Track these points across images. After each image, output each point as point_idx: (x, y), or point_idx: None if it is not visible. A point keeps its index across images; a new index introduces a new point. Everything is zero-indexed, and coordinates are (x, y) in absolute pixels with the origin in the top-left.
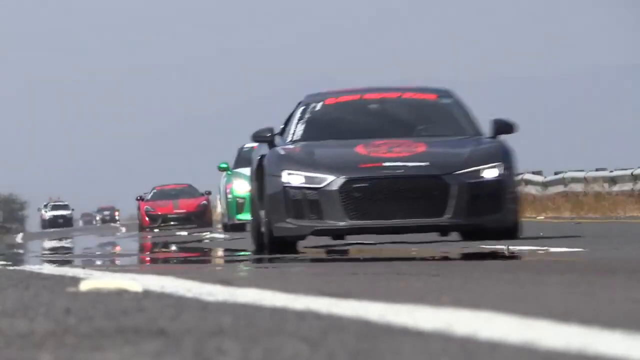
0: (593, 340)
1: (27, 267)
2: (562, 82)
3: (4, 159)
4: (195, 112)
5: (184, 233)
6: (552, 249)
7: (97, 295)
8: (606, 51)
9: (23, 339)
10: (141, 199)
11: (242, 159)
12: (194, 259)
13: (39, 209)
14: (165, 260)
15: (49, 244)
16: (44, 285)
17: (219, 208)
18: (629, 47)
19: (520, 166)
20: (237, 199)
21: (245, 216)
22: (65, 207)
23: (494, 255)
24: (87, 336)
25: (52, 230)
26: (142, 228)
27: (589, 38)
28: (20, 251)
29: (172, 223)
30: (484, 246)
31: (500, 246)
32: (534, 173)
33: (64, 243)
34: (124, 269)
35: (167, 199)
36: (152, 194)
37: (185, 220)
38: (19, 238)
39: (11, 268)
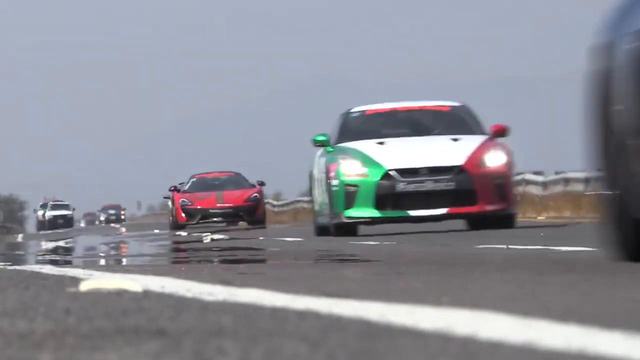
0: (593, 340)
1: (27, 267)
2: (563, 83)
3: (4, 158)
4: (201, 110)
5: (184, 233)
6: (552, 249)
7: (97, 296)
8: None
9: (23, 339)
10: (176, 189)
11: (350, 129)
12: None
13: (35, 210)
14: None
15: (47, 245)
16: (44, 285)
17: (316, 191)
18: None
19: (520, 166)
20: (347, 187)
21: (359, 211)
22: (65, 206)
23: (494, 255)
24: (87, 336)
25: (49, 231)
26: (176, 226)
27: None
28: (21, 252)
29: (214, 220)
30: (482, 246)
31: (500, 245)
32: (535, 173)
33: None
34: (124, 269)
35: (209, 190)
36: (190, 183)
37: (231, 216)
38: (19, 238)
39: (11, 268)
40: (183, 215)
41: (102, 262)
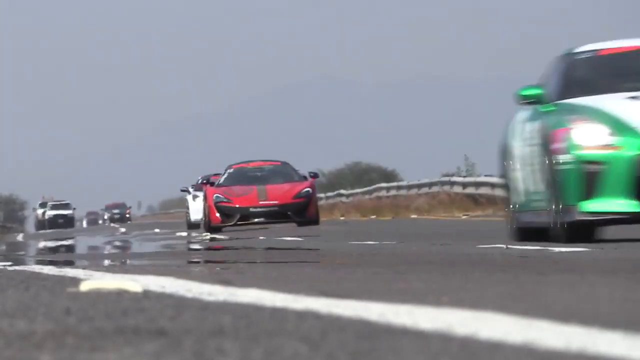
0: (593, 340)
1: (28, 268)
2: None
3: (4, 158)
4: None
5: (184, 234)
6: (552, 249)
7: (97, 296)
8: None
9: (23, 339)
10: (208, 182)
11: (578, 78)
12: None
13: (34, 209)
14: None
15: (46, 244)
16: (44, 285)
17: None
18: None
19: None
20: (586, 165)
21: (607, 203)
22: (66, 206)
23: (494, 255)
24: (87, 336)
25: (47, 231)
26: (209, 228)
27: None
28: (21, 252)
29: (256, 220)
30: (482, 246)
31: (500, 245)
32: None
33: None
34: (124, 269)
35: (250, 183)
36: (226, 175)
37: (277, 216)
38: (19, 238)
39: (11, 268)
40: (218, 215)
41: (105, 262)
